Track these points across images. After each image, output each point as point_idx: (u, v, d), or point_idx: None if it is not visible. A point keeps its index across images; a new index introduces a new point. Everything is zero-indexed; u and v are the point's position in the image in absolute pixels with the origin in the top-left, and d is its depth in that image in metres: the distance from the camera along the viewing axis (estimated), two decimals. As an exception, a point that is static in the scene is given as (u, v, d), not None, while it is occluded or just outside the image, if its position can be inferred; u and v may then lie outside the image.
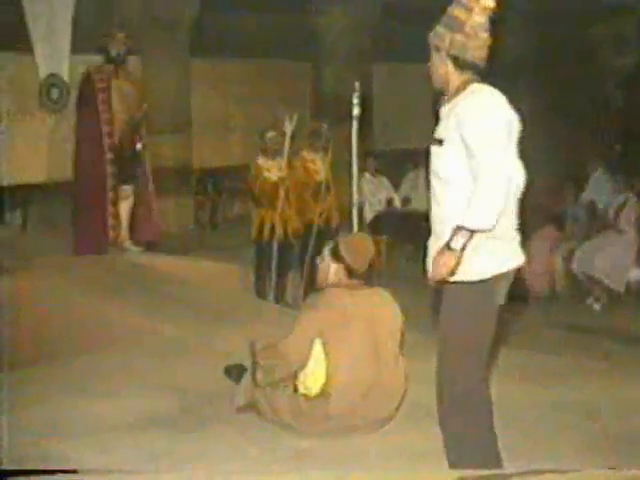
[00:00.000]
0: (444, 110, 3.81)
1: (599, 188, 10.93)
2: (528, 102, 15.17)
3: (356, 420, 4.42)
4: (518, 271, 3.81)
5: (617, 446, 4.41)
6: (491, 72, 3.96)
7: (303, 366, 4.46)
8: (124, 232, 8.46)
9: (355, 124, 7.32)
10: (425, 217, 3.92)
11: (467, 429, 3.71)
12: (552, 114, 15.01)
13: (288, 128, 8.22)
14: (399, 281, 9.64)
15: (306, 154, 8.88)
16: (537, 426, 4.70)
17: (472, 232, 3.56)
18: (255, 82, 13.10)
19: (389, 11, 13.04)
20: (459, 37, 3.74)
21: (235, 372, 4.96)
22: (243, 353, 4.87)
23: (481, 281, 3.65)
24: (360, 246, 4.62)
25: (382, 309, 4.57)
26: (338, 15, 12.88)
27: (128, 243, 8.47)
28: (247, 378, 4.70)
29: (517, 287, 3.89)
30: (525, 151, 4.12)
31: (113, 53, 8.24)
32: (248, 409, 4.69)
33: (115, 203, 8.32)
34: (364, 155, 10.33)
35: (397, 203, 11.25)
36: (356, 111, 7.31)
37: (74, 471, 3.84)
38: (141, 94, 8.55)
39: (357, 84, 7.28)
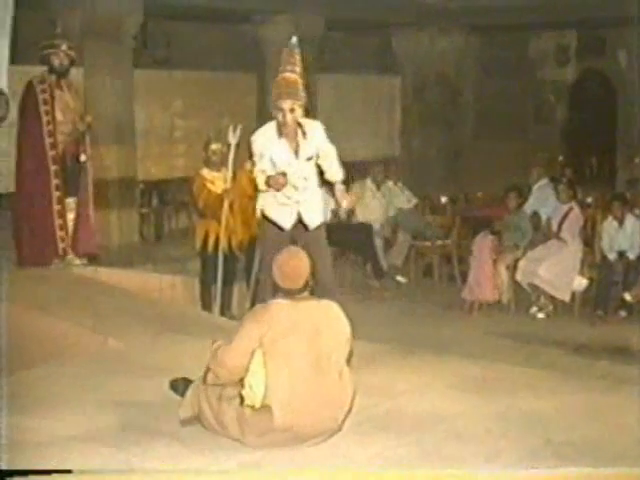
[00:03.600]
0: (300, 139, 6.10)
1: (542, 198, 11.03)
2: (472, 114, 15.43)
3: (301, 432, 4.40)
4: None
5: (561, 453, 4.44)
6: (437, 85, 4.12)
7: (241, 376, 4.42)
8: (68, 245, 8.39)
9: (300, 136, 7.30)
10: (368, 228, 4.00)
11: None
12: (496, 127, 15.18)
13: (232, 139, 8.16)
14: (344, 290, 9.69)
15: (251, 166, 8.83)
16: (483, 437, 4.71)
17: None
18: (200, 93, 13.05)
19: (334, 23, 13.08)
20: (304, 92, 6.00)
21: (180, 386, 4.91)
22: (187, 366, 4.81)
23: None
24: (285, 266, 4.51)
25: (328, 322, 4.54)
26: (283, 26, 12.87)
27: (71, 256, 8.39)
28: (192, 390, 4.66)
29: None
30: (472, 163, 4.50)
31: (56, 64, 8.17)
32: (193, 421, 4.64)
33: (62, 215, 8.25)
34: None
35: (342, 215, 11.25)
36: (301, 123, 7.29)
37: (70, 471, 3.84)
38: (84, 105, 8.48)
39: (301, 96, 7.28)
